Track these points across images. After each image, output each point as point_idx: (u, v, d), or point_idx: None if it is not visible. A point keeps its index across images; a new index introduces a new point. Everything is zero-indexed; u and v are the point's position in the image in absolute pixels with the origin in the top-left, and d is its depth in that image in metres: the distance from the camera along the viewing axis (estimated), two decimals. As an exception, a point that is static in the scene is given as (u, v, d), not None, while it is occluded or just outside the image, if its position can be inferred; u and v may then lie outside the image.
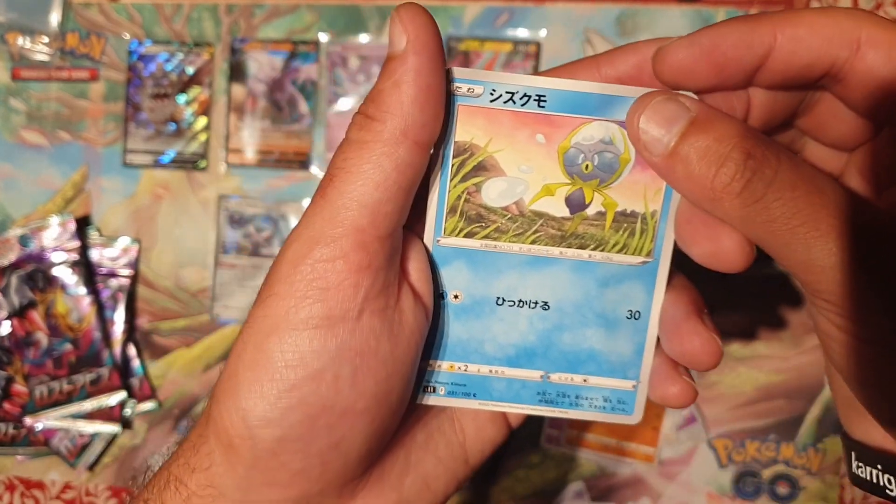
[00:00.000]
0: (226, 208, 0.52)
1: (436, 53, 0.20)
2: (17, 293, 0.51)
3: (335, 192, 0.20)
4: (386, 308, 0.21)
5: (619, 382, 0.24)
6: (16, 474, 0.54)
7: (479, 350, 0.24)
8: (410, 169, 0.20)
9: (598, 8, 0.50)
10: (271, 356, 0.20)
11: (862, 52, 0.19)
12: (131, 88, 0.53)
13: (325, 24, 0.52)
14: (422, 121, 0.20)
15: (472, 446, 0.26)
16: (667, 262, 0.23)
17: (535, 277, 0.23)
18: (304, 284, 0.20)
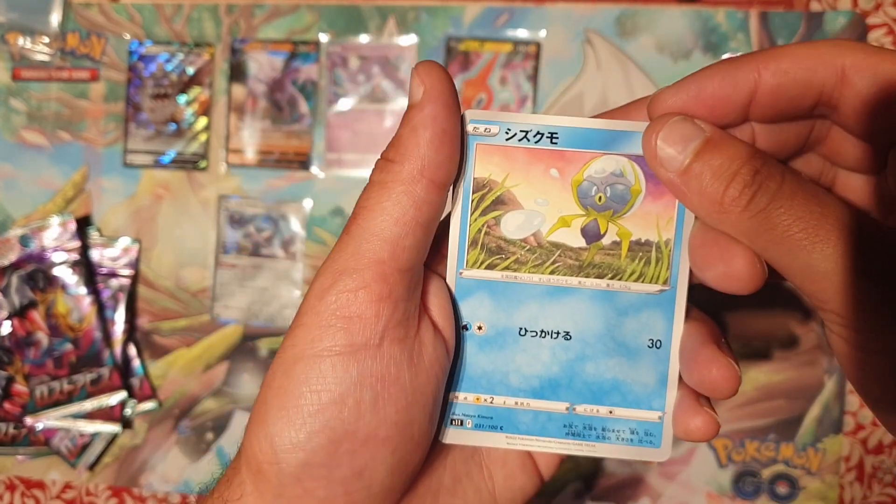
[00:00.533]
0: (226, 208, 0.52)
1: (450, 101, 0.21)
2: (17, 293, 0.51)
3: (358, 228, 0.21)
4: (406, 338, 0.22)
5: (644, 414, 0.24)
6: (16, 474, 0.54)
7: (504, 381, 0.24)
8: (428, 206, 0.21)
9: (597, 8, 0.50)
10: (297, 382, 0.21)
11: (847, 77, 0.20)
12: (132, 89, 0.53)
13: (325, 25, 0.52)
14: (437, 161, 0.21)
15: (502, 494, 0.26)
16: (684, 289, 0.24)
17: (555, 307, 0.24)
18: (329, 314, 0.21)
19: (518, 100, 0.50)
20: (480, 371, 0.24)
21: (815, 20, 0.48)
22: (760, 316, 0.49)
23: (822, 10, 0.48)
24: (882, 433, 0.48)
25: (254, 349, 0.53)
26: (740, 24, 0.48)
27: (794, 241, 0.19)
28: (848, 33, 0.48)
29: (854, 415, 0.48)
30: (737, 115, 0.21)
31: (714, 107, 0.21)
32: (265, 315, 0.52)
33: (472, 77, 0.50)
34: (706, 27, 0.49)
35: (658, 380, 0.24)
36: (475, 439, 0.25)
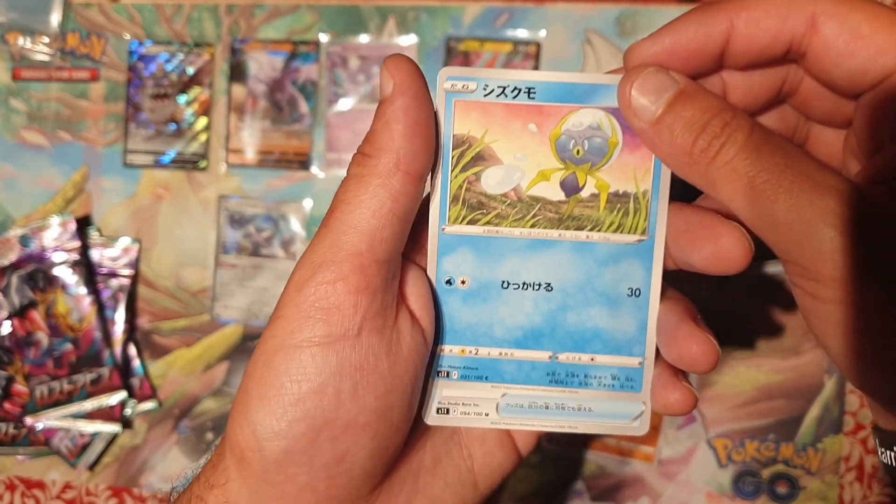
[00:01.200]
0: (226, 208, 0.52)
1: (420, 93, 0.22)
2: (17, 293, 0.51)
3: (336, 221, 0.22)
4: (384, 328, 0.22)
5: (625, 360, 0.25)
6: (16, 474, 0.54)
7: (489, 333, 0.25)
8: (404, 197, 0.22)
9: (597, 8, 0.50)
10: (278, 372, 0.22)
11: (817, 25, 0.20)
12: (132, 89, 0.53)
13: (325, 25, 0.52)
14: (412, 153, 0.22)
15: (481, 472, 0.27)
16: (661, 238, 0.24)
17: (536, 260, 0.24)
18: (308, 305, 0.21)
19: (518, 100, 0.50)
20: (465, 324, 0.25)
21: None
22: (760, 316, 0.49)
23: (821, 10, 0.48)
24: (882, 433, 0.48)
25: (254, 349, 0.53)
26: (740, 24, 0.49)
27: (759, 191, 0.19)
28: (848, 33, 0.48)
29: (854, 415, 0.48)
30: (710, 64, 0.22)
31: (688, 58, 0.21)
32: (265, 315, 0.52)
33: (472, 77, 0.50)
34: (706, 27, 0.49)
35: (638, 327, 0.24)
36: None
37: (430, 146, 0.22)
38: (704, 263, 0.22)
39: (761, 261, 0.48)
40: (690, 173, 0.21)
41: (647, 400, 0.25)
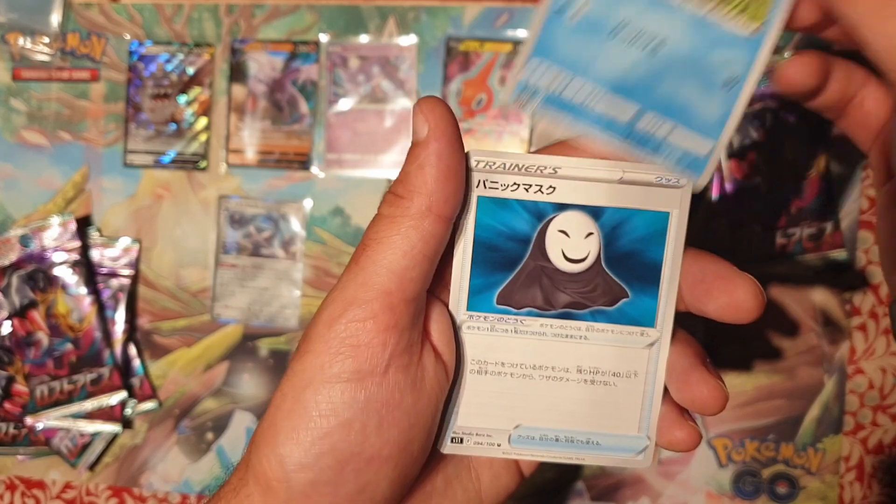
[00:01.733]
0: (226, 208, 0.52)
1: (454, 139, 0.22)
2: (17, 293, 0.51)
3: (367, 260, 0.23)
4: (410, 364, 0.23)
5: (699, 142, 0.24)
6: (17, 474, 0.54)
7: (591, 66, 0.23)
8: (434, 239, 0.22)
9: (597, 8, 0.50)
10: (307, 407, 0.22)
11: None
12: (132, 89, 0.53)
13: (325, 25, 0.52)
14: (444, 197, 0.22)
15: (488, 493, 0.28)
16: (773, 37, 0.23)
17: (656, 14, 0.23)
18: (338, 342, 0.22)
19: (518, 100, 0.50)
20: (574, 50, 0.23)
21: (814, 20, 0.48)
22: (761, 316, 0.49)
23: (821, 10, 0.48)
24: (882, 433, 0.48)
25: (254, 349, 0.53)
26: (740, 24, 0.49)
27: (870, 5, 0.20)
28: (847, 33, 0.48)
29: (854, 415, 0.48)
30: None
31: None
32: (265, 315, 0.52)
33: (472, 77, 0.50)
34: (706, 27, 0.49)
35: (720, 117, 0.23)
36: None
37: (461, 190, 0.23)
38: (719, 312, 0.23)
39: (762, 261, 0.48)
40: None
41: (651, 435, 0.25)
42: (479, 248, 0.24)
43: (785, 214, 0.48)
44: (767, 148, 0.48)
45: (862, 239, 0.48)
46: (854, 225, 0.48)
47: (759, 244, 0.47)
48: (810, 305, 0.48)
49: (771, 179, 0.48)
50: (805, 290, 0.48)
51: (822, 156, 0.48)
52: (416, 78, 0.51)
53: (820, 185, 0.47)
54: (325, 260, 0.52)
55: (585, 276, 0.24)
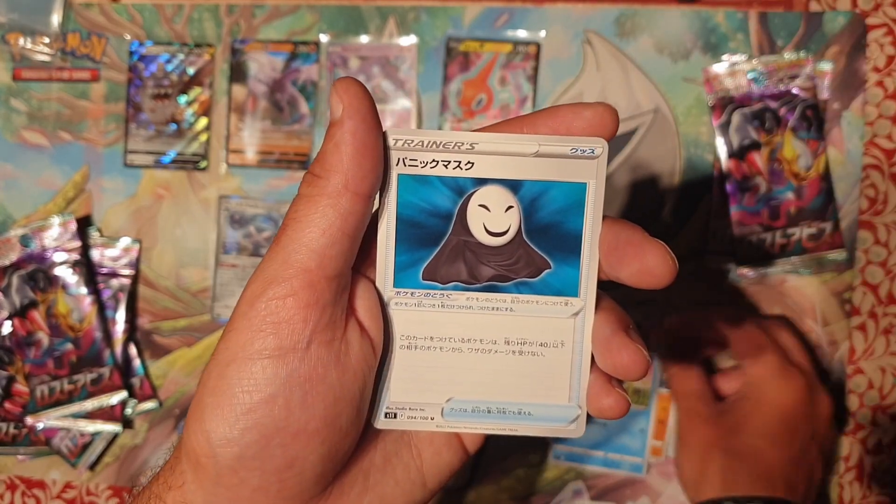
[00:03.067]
0: (226, 208, 0.53)
1: (368, 116, 0.23)
2: (18, 293, 0.51)
3: (287, 238, 0.23)
4: (333, 340, 0.23)
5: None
6: (17, 474, 0.54)
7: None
8: (353, 216, 0.23)
9: (597, 9, 0.50)
10: (230, 383, 0.23)
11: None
12: (132, 89, 0.53)
13: (325, 25, 0.52)
14: (360, 174, 0.23)
15: (430, 470, 0.28)
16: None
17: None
18: (259, 319, 0.22)
19: (518, 100, 0.50)
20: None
21: (814, 20, 0.48)
22: (761, 316, 0.49)
23: (821, 10, 0.48)
24: (882, 433, 0.48)
25: (254, 349, 0.53)
26: (740, 24, 0.49)
27: None
28: (847, 34, 0.48)
29: (854, 415, 0.48)
30: None
31: None
32: (265, 315, 0.52)
33: (472, 77, 0.50)
34: (705, 27, 0.49)
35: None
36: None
37: (378, 167, 0.23)
38: (632, 279, 0.24)
39: (761, 264, 0.48)
40: None
41: (582, 404, 0.26)
42: (403, 225, 0.24)
43: (785, 214, 0.48)
44: (767, 148, 0.48)
45: (862, 239, 0.48)
46: (854, 225, 0.48)
47: (759, 244, 0.47)
48: (810, 305, 0.48)
49: (771, 179, 0.48)
50: (805, 290, 0.48)
51: (822, 156, 0.48)
52: (416, 78, 0.51)
53: (820, 185, 0.48)
54: (325, 260, 0.52)
55: (508, 248, 0.24)
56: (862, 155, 0.48)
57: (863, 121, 0.48)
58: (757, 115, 0.48)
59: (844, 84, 0.48)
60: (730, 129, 0.48)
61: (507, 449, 0.51)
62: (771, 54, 0.48)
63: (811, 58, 0.48)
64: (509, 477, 0.51)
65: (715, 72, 0.48)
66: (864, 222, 0.48)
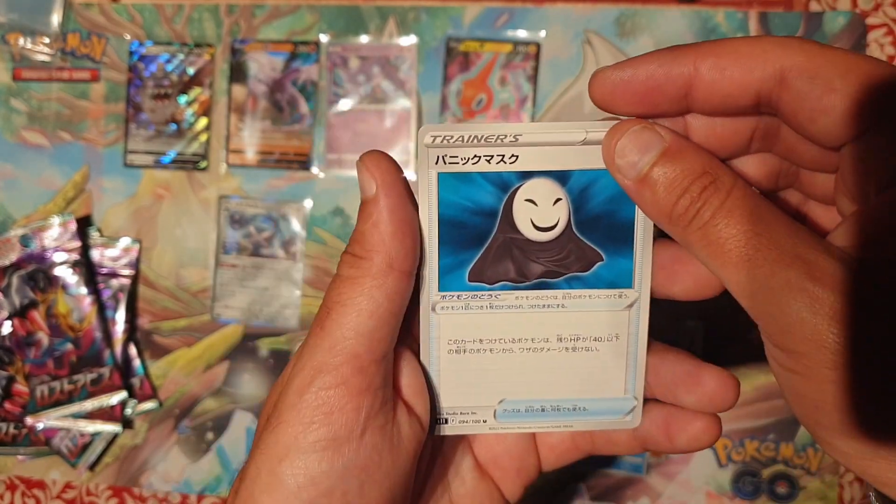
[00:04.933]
0: (226, 208, 0.53)
1: (403, 191, 0.22)
2: (17, 293, 0.51)
3: (333, 324, 0.22)
4: (385, 424, 0.23)
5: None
6: (17, 474, 0.54)
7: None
8: (398, 296, 0.22)
9: (597, 9, 0.50)
10: (284, 480, 0.22)
11: (786, 80, 0.19)
12: (132, 89, 0.53)
13: (325, 25, 0.52)
14: (403, 252, 0.22)
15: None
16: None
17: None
18: (310, 411, 0.22)
19: (518, 100, 0.50)
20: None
21: (814, 20, 0.48)
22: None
23: (821, 10, 0.48)
24: (881, 433, 0.48)
25: (254, 349, 0.53)
26: (740, 24, 0.49)
27: (728, 257, 0.19)
28: (847, 34, 0.48)
29: (853, 415, 0.48)
30: (670, 106, 0.21)
31: (645, 93, 0.21)
32: (266, 315, 0.52)
33: (472, 77, 0.50)
34: (705, 27, 0.49)
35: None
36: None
37: (418, 242, 0.23)
38: (685, 294, 0.24)
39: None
40: (670, 231, 0.21)
41: (638, 395, 0.25)
42: (445, 226, 0.23)
43: (785, 214, 0.48)
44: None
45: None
46: (854, 225, 0.48)
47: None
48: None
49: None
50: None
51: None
52: (416, 78, 0.51)
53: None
54: (325, 260, 0.52)
55: (557, 243, 0.23)
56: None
57: (863, 121, 0.48)
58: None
59: (844, 84, 0.48)
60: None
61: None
62: (771, 54, 0.48)
63: (811, 58, 0.48)
64: None
65: (715, 72, 0.48)
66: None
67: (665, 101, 0.21)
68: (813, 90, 0.19)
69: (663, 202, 0.20)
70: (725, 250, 0.19)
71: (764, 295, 0.19)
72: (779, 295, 0.18)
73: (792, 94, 0.19)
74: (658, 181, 0.20)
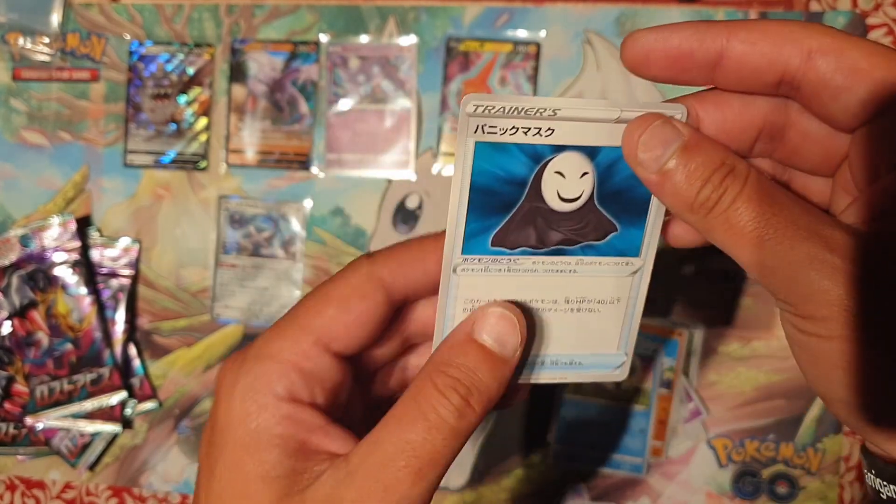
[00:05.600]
0: (226, 208, 0.52)
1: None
2: (17, 293, 0.51)
3: None
4: None
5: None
6: (17, 474, 0.54)
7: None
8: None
9: (597, 8, 0.50)
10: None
11: (813, 60, 0.20)
12: (132, 89, 0.53)
13: (325, 25, 0.52)
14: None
15: None
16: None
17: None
18: None
19: (518, 100, 0.50)
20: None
21: (814, 20, 0.48)
22: (760, 316, 0.49)
23: (821, 10, 0.48)
24: (882, 433, 0.48)
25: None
26: (740, 24, 0.49)
27: (748, 238, 0.21)
28: (847, 33, 0.48)
29: (854, 415, 0.48)
30: (699, 73, 0.22)
31: (677, 58, 0.22)
32: (265, 315, 0.52)
33: (472, 77, 0.50)
34: (706, 27, 0.49)
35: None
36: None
37: None
38: None
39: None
40: (691, 220, 0.22)
41: (629, 351, 0.27)
42: (476, 193, 0.24)
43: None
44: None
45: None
46: (854, 225, 0.48)
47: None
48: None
49: (771, 179, 0.48)
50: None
51: (822, 156, 0.48)
52: (416, 78, 0.51)
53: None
54: (325, 260, 0.52)
55: (578, 213, 0.24)
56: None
57: (863, 121, 0.48)
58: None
59: (844, 84, 0.48)
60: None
61: (507, 449, 0.51)
62: (771, 54, 0.48)
63: (811, 58, 0.48)
64: (509, 477, 0.51)
65: (715, 72, 0.48)
66: (865, 222, 0.48)
67: (695, 67, 0.22)
68: (838, 69, 0.20)
69: (686, 192, 0.21)
70: (746, 231, 0.20)
71: (785, 269, 0.20)
72: (799, 267, 0.20)
73: (817, 72, 0.20)
74: (679, 173, 0.22)
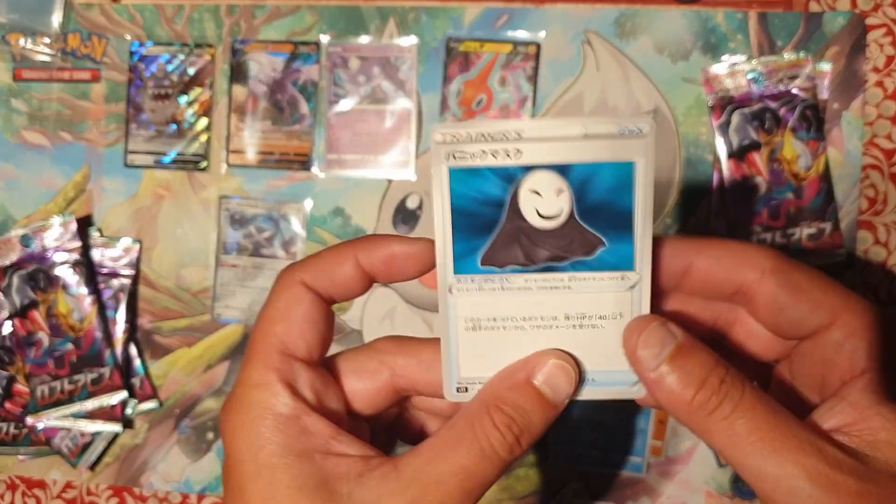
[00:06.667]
0: (227, 209, 0.53)
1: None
2: (18, 293, 0.51)
3: None
4: None
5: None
6: (17, 474, 0.54)
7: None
8: None
9: (597, 9, 0.50)
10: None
11: (766, 276, 0.24)
12: (133, 89, 0.54)
13: (325, 26, 0.52)
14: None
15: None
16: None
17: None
18: None
19: (518, 100, 0.50)
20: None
21: (814, 21, 0.48)
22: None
23: (821, 10, 0.48)
24: (881, 433, 0.48)
25: (254, 349, 0.53)
26: (739, 24, 0.49)
27: (753, 448, 0.22)
28: (847, 34, 0.48)
29: (853, 414, 0.48)
30: (671, 284, 0.26)
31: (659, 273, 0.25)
32: (266, 315, 0.52)
33: (472, 78, 0.50)
34: (705, 28, 0.49)
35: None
36: None
37: None
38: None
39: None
40: (687, 421, 0.23)
41: None
42: (458, 216, 0.25)
43: (785, 214, 0.48)
44: (767, 148, 0.48)
45: (862, 239, 0.48)
46: (853, 225, 0.48)
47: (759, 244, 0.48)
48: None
49: (771, 179, 0.48)
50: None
51: (822, 156, 0.48)
52: (416, 78, 0.51)
53: (819, 185, 0.48)
54: (325, 260, 0.52)
55: (561, 230, 0.25)
56: (861, 155, 0.48)
57: (862, 121, 0.48)
58: (757, 116, 0.48)
59: (844, 84, 0.48)
60: (729, 130, 0.48)
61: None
62: (770, 55, 0.48)
63: (811, 58, 0.48)
64: (509, 477, 0.51)
65: (714, 72, 0.49)
66: (864, 222, 0.48)
67: (667, 281, 0.26)
68: (785, 286, 0.24)
69: (681, 393, 0.23)
70: (750, 442, 0.22)
71: (787, 480, 0.21)
72: (800, 479, 0.21)
73: (768, 287, 0.24)
74: (674, 374, 0.23)
